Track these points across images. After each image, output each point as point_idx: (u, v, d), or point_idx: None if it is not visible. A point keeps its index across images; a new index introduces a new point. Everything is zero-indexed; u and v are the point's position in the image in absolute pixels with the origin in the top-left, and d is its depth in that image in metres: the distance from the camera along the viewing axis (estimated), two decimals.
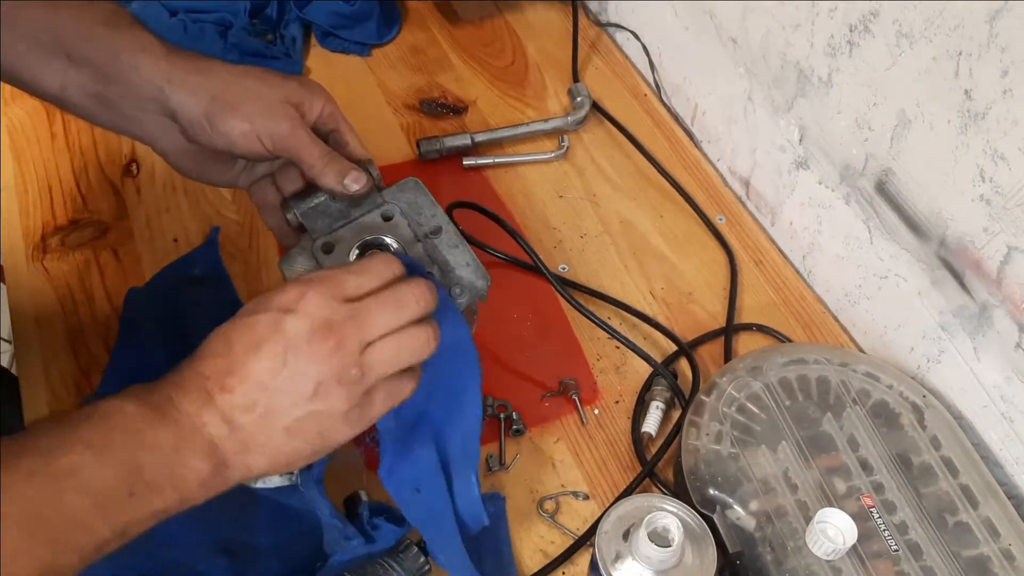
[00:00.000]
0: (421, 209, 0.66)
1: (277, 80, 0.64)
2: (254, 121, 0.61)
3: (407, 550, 0.61)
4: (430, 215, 0.65)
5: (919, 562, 0.62)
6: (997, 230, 0.64)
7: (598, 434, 0.75)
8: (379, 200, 0.65)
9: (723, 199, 0.94)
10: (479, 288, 0.64)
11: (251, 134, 0.61)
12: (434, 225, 0.65)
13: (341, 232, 0.64)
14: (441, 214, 0.66)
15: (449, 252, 0.64)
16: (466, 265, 0.64)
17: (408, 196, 0.66)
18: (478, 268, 0.64)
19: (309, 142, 0.62)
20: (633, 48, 1.08)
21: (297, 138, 0.62)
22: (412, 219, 0.65)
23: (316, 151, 0.62)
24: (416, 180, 0.67)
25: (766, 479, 0.65)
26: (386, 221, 0.65)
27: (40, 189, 0.89)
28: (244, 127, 0.61)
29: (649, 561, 0.56)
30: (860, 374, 0.72)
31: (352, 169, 0.63)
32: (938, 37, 0.64)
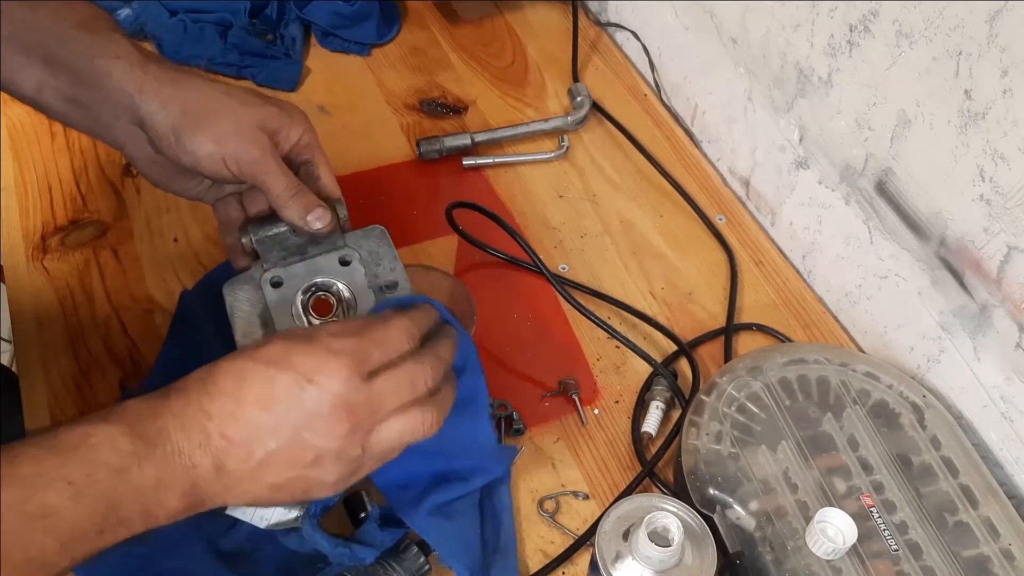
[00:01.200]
0: (381, 260, 0.64)
1: (257, 102, 0.62)
2: (222, 143, 0.59)
3: (407, 550, 0.61)
4: (389, 268, 0.64)
5: (919, 562, 0.62)
6: (997, 230, 0.64)
7: (598, 434, 0.75)
8: (340, 242, 0.64)
9: (723, 199, 0.94)
10: None
11: (217, 156, 0.59)
12: (390, 279, 0.63)
13: (294, 268, 0.63)
14: (400, 270, 0.64)
15: None
16: None
17: (371, 244, 0.64)
18: None
19: (277, 171, 0.60)
20: (633, 48, 1.08)
21: (265, 166, 0.60)
22: (370, 268, 0.63)
23: (283, 182, 0.60)
24: (382, 230, 0.65)
25: (766, 479, 0.65)
26: (343, 265, 0.63)
27: (40, 189, 0.89)
28: (210, 148, 0.59)
29: (649, 561, 0.56)
30: (860, 374, 0.72)
31: (318, 206, 0.61)
32: (938, 37, 0.64)
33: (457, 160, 0.94)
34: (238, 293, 0.62)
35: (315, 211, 0.61)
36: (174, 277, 0.82)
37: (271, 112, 0.62)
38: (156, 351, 0.76)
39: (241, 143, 0.60)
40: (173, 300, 0.79)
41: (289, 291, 0.62)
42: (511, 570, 0.65)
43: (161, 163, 0.62)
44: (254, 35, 1.03)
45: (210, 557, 0.63)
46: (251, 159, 0.60)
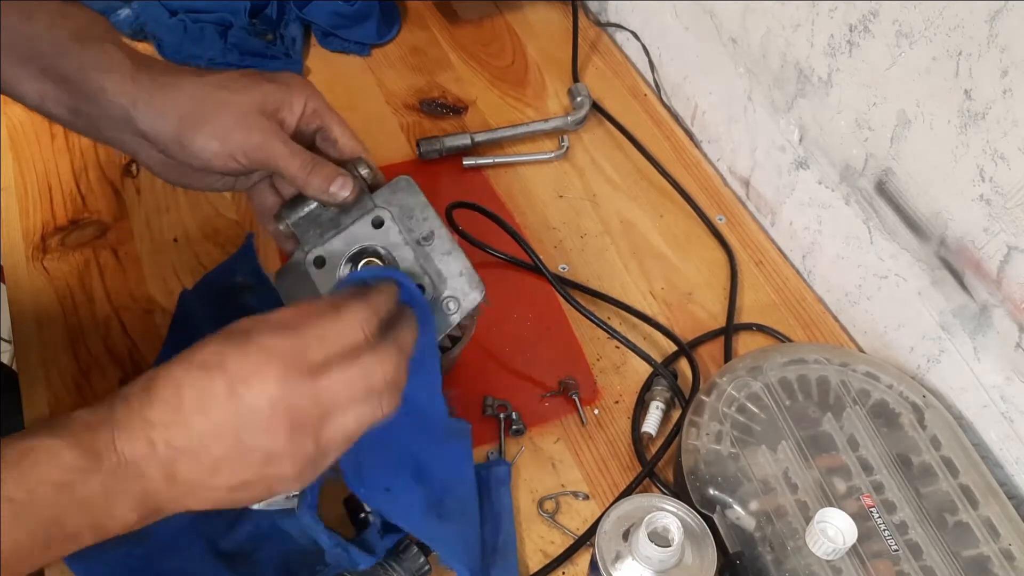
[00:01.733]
0: (412, 212, 0.62)
1: (251, 85, 0.60)
2: (226, 139, 0.58)
3: (407, 550, 0.61)
4: (421, 218, 0.62)
5: (919, 562, 0.62)
6: (997, 230, 0.64)
7: (598, 434, 0.75)
8: (369, 204, 0.62)
9: (723, 199, 0.94)
10: (472, 300, 0.61)
11: (224, 153, 0.58)
12: (426, 230, 0.61)
13: (333, 243, 0.61)
14: (434, 216, 0.62)
15: (441, 260, 0.61)
16: (459, 275, 0.61)
17: (399, 198, 0.62)
18: (472, 277, 0.61)
19: (287, 153, 0.59)
20: (633, 48, 1.08)
21: (273, 151, 0.59)
22: (403, 224, 0.61)
23: (296, 162, 0.59)
24: (408, 179, 0.63)
25: (766, 479, 0.65)
26: (376, 228, 0.61)
27: (40, 189, 0.89)
28: (215, 146, 0.58)
29: (649, 561, 0.56)
30: (860, 374, 0.72)
31: (338, 175, 0.60)
32: (938, 37, 0.64)
33: (457, 160, 0.94)
34: (288, 282, 0.61)
35: (336, 181, 0.59)
36: (174, 277, 0.82)
37: (268, 91, 0.60)
38: (156, 351, 0.76)
39: (244, 134, 0.58)
40: (173, 300, 0.79)
41: (333, 267, 0.61)
42: (511, 570, 0.65)
43: (176, 165, 0.61)
44: (254, 35, 1.03)
45: (210, 557, 0.63)
46: (257, 147, 0.59)
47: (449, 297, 0.60)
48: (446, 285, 0.61)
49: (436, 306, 0.60)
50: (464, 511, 0.65)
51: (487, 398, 0.75)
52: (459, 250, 0.61)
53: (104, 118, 0.59)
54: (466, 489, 0.67)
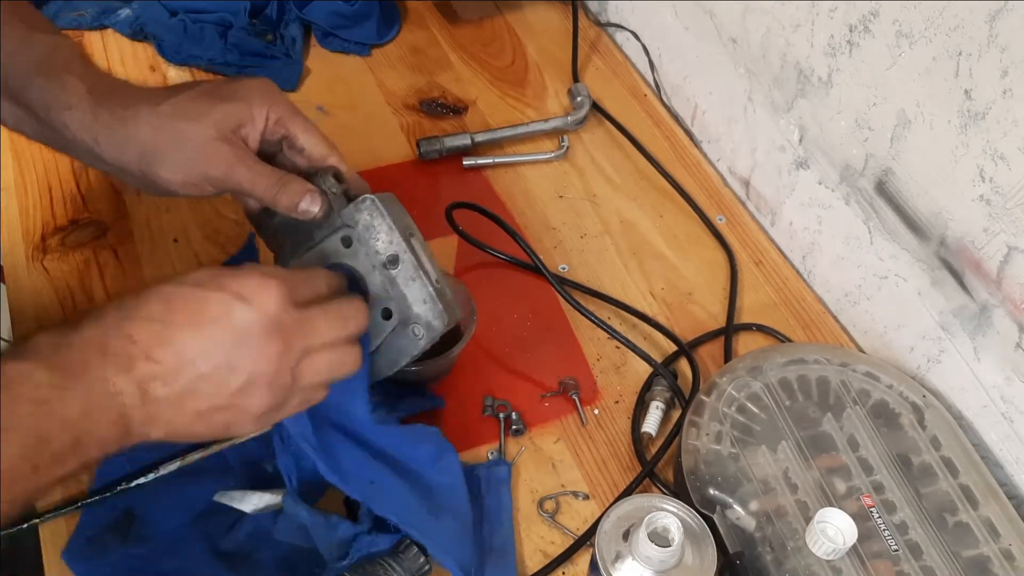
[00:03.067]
0: (378, 234, 0.60)
1: (208, 111, 0.59)
2: (188, 170, 0.58)
3: (407, 550, 0.61)
4: (387, 241, 0.60)
5: (919, 562, 0.62)
6: (997, 230, 0.64)
7: (598, 434, 0.75)
8: (338, 222, 0.60)
9: (723, 199, 0.94)
10: (436, 329, 0.60)
11: (188, 183, 0.59)
12: (390, 254, 0.60)
13: (307, 258, 0.61)
14: (398, 240, 0.60)
15: (406, 286, 0.60)
16: (423, 302, 0.60)
17: (364, 218, 0.60)
18: (435, 305, 0.60)
19: (251, 177, 0.59)
20: (633, 48, 1.08)
21: (237, 176, 0.59)
22: (369, 245, 0.60)
23: (261, 183, 0.59)
24: (372, 200, 0.60)
25: (766, 479, 0.65)
26: (346, 247, 0.60)
27: (40, 189, 0.89)
28: (179, 178, 0.58)
29: (649, 561, 0.56)
30: (860, 374, 0.72)
31: (306, 192, 0.59)
32: (938, 37, 0.64)
33: (457, 160, 0.94)
34: None
35: (304, 198, 0.59)
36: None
37: (226, 112, 0.59)
38: None
39: (205, 163, 0.58)
40: None
41: None
42: (509, 570, 0.65)
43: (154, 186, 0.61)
44: (254, 35, 1.03)
45: (210, 557, 0.64)
46: (221, 176, 0.59)
47: (415, 324, 0.60)
48: (411, 310, 0.60)
49: (404, 330, 0.60)
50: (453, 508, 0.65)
51: (487, 398, 0.75)
52: (423, 276, 0.60)
53: (74, 149, 0.60)
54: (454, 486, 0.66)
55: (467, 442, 0.73)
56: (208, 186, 0.59)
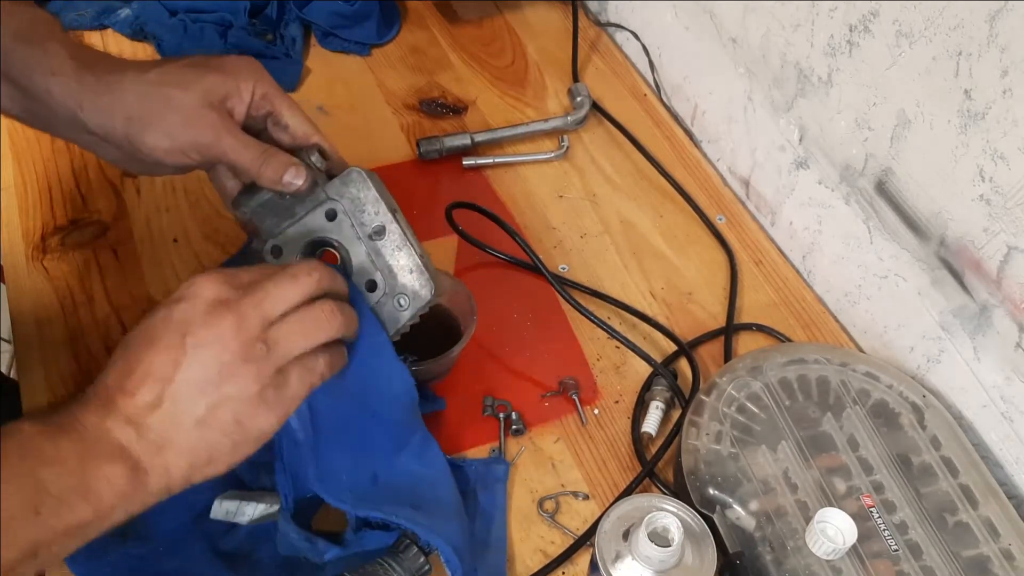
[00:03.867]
0: (364, 206, 0.61)
1: (196, 79, 0.59)
2: (175, 137, 0.58)
3: (407, 550, 0.61)
4: (373, 212, 0.61)
5: (919, 562, 0.62)
6: (997, 230, 0.64)
7: (598, 434, 0.75)
8: (322, 195, 0.61)
9: (723, 199, 0.94)
10: (423, 298, 0.60)
11: (174, 150, 0.58)
12: (377, 224, 0.60)
13: (289, 232, 0.61)
14: (384, 211, 0.61)
15: (392, 256, 0.60)
16: (409, 272, 0.60)
17: (350, 191, 0.61)
18: (422, 275, 0.60)
19: (237, 146, 0.59)
20: (633, 48, 1.08)
21: (223, 145, 0.59)
22: (355, 217, 0.60)
23: (247, 154, 0.59)
24: (359, 172, 0.61)
25: (766, 479, 0.65)
26: (330, 220, 0.61)
27: (40, 189, 0.89)
28: (165, 144, 0.58)
29: (649, 561, 0.56)
30: (860, 374, 0.72)
31: (290, 164, 0.59)
32: (938, 37, 0.64)
33: (457, 160, 0.94)
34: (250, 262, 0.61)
35: (288, 171, 0.59)
36: (174, 277, 0.82)
37: (214, 82, 0.59)
38: None
39: (192, 131, 0.58)
40: None
41: (288, 256, 0.61)
42: (500, 568, 0.65)
43: (135, 158, 0.61)
44: (254, 35, 1.03)
45: (210, 557, 0.64)
46: (207, 144, 0.58)
47: (400, 295, 0.60)
48: (396, 282, 0.60)
49: (389, 301, 0.61)
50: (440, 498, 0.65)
51: (487, 398, 0.75)
52: (409, 246, 0.61)
53: (54, 119, 0.59)
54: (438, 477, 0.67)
55: (467, 442, 0.73)
56: (194, 154, 0.59)
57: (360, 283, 0.61)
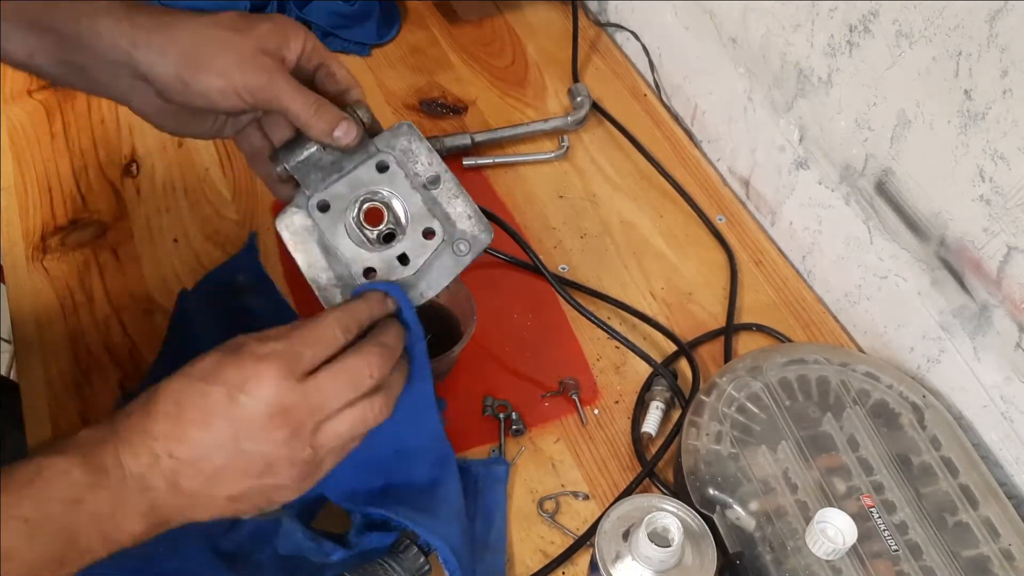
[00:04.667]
0: (417, 157, 0.62)
1: (249, 25, 0.59)
2: (230, 76, 0.57)
3: (407, 550, 0.61)
4: (426, 163, 0.62)
5: (919, 562, 0.62)
6: (997, 230, 0.64)
7: (598, 434, 0.75)
8: (372, 149, 0.62)
9: (723, 199, 0.94)
10: (483, 241, 0.62)
11: (228, 91, 0.57)
12: (431, 174, 0.62)
13: (336, 187, 0.61)
14: (438, 161, 0.62)
15: (449, 204, 0.62)
16: (468, 217, 0.62)
17: (402, 143, 0.62)
18: (480, 220, 0.62)
19: (292, 92, 0.58)
20: (633, 48, 1.08)
21: (278, 89, 0.58)
22: (408, 169, 0.62)
23: (300, 101, 0.58)
24: (410, 124, 0.63)
25: (766, 479, 0.65)
26: (381, 172, 0.62)
27: (40, 189, 0.89)
28: (220, 84, 0.57)
29: (649, 561, 0.56)
30: (860, 374, 0.72)
31: (342, 119, 0.59)
32: (938, 37, 0.64)
33: (457, 160, 0.94)
34: (291, 225, 0.61)
35: (340, 125, 0.59)
36: (174, 277, 0.82)
37: (266, 30, 0.59)
38: (156, 351, 0.76)
39: (248, 72, 0.57)
40: (173, 300, 0.79)
41: (337, 211, 0.61)
42: (499, 568, 0.65)
43: (171, 111, 0.60)
44: None
45: (210, 557, 0.63)
46: (262, 86, 0.57)
47: (460, 240, 0.61)
48: (455, 228, 0.62)
49: (446, 249, 0.61)
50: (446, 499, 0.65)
51: (487, 398, 0.75)
52: (466, 193, 0.62)
53: (99, 65, 0.58)
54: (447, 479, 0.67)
55: (467, 442, 0.73)
56: (247, 96, 0.57)
57: (417, 232, 0.61)
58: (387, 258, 0.61)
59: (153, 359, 0.76)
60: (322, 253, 0.61)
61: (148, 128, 0.63)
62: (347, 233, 0.61)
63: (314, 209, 0.61)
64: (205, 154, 0.93)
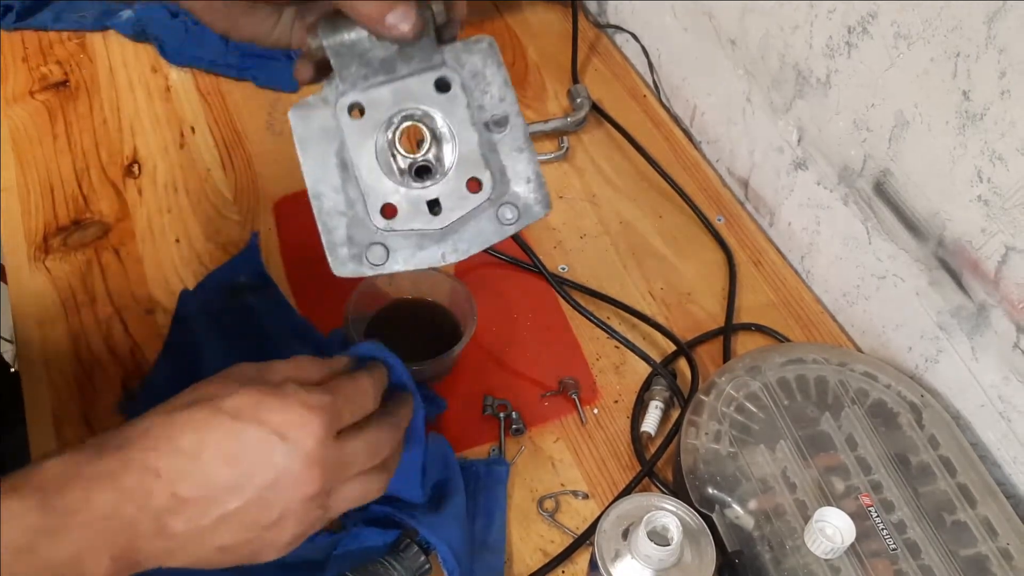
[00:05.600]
0: (488, 85, 0.50)
1: None
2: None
3: (407, 549, 0.62)
4: (498, 96, 0.50)
5: (917, 561, 0.62)
6: (995, 231, 0.64)
7: (597, 433, 0.75)
8: (436, 59, 0.49)
9: (722, 200, 0.94)
10: (536, 214, 0.50)
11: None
12: (500, 113, 0.49)
13: (377, 92, 0.48)
14: (512, 99, 0.50)
15: (509, 156, 0.49)
16: (527, 180, 0.49)
17: (475, 62, 0.50)
18: (541, 187, 0.50)
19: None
20: (632, 49, 1.08)
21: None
22: (473, 96, 0.49)
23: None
24: (491, 42, 0.51)
25: (765, 478, 0.66)
26: (440, 91, 0.49)
27: (42, 190, 0.89)
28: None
29: (648, 560, 0.56)
30: (858, 374, 0.72)
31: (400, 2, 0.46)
32: (936, 38, 0.65)
33: None
34: (307, 120, 0.49)
35: (396, 8, 0.45)
36: (176, 277, 0.83)
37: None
38: (158, 351, 0.77)
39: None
40: (175, 300, 0.80)
41: (371, 122, 0.48)
42: (499, 568, 0.65)
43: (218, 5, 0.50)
44: None
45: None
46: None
47: (508, 203, 0.49)
48: (507, 188, 0.49)
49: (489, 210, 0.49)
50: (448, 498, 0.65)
51: (487, 398, 0.75)
52: (532, 150, 0.50)
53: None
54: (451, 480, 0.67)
55: (467, 442, 0.73)
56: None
57: (460, 179, 0.49)
58: (414, 199, 0.49)
59: (155, 359, 0.76)
60: (337, 167, 0.49)
61: (150, 128, 0.63)
62: (375, 152, 0.49)
63: (343, 111, 0.48)
64: (207, 155, 0.94)
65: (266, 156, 0.94)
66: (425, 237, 0.49)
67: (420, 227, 0.49)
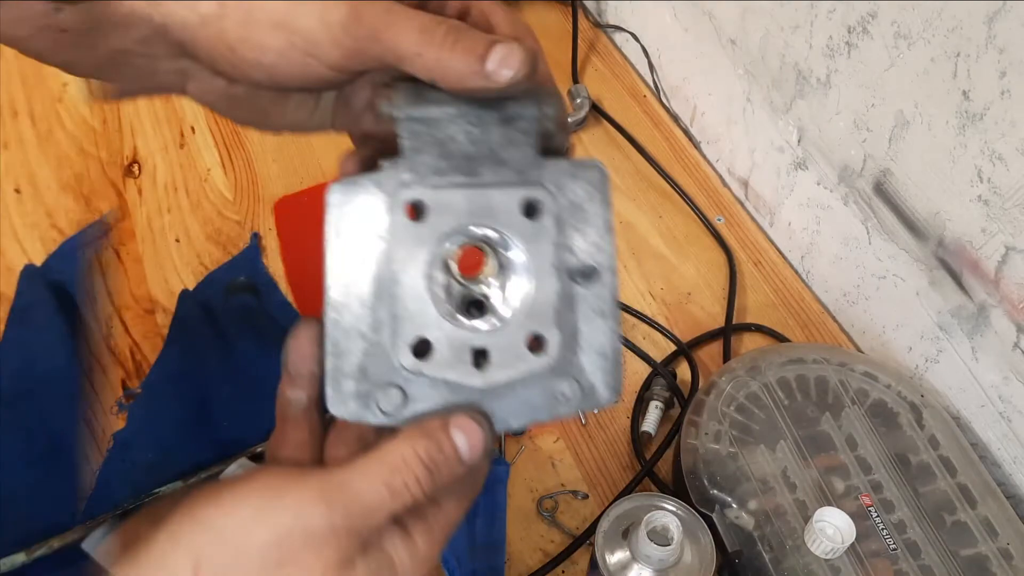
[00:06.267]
0: (586, 225, 0.39)
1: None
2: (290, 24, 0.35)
3: None
4: (594, 242, 0.39)
5: (917, 561, 0.62)
6: (995, 230, 0.64)
7: (597, 434, 0.75)
8: (534, 175, 0.38)
9: (722, 200, 0.94)
10: (598, 402, 0.39)
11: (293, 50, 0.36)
12: (591, 263, 0.39)
13: (451, 194, 0.37)
14: (610, 250, 0.39)
15: (587, 319, 0.39)
16: (600, 356, 0.38)
17: (577, 192, 0.40)
18: (615, 371, 0.39)
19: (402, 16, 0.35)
20: (632, 49, 1.08)
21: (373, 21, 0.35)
22: (564, 231, 0.39)
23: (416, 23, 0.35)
24: (601, 170, 0.41)
25: (765, 478, 0.66)
26: (527, 216, 0.38)
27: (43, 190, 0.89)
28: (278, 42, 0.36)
29: (648, 560, 0.56)
30: (858, 374, 0.72)
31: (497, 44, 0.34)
32: (936, 38, 0.65)
33: None
34: (352, 207, 0.37)
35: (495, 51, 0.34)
36: (176, 277, 0.83)
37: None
38: (158, 351, 0.77)
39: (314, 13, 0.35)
40: (174, 300, 0.80)
41: (432, 230, 0.37)
42: (499, 568, 0.65)
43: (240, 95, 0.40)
44: None
45: None
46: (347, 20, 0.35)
47: (569, 380, 0.38)
48: (573, 360, 0.38)
49: (547, 382, 0.38)
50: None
51: None
52: (617, 318, 0.39)
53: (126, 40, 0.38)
54: None
55: None
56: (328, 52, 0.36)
57: (521, 332, 0.38)
58: (458, 341, 0.37)
59: (155, 359, 0.76)
60: (373, 274, 0.37)
61: (150, 128, 0.63)
62: (426, 274, 0.37)
63: (398, 207, 0.37)
64: (207, 154, 0.94)
65: (266, 156, 0.94)
66: (457, 393, 0.37)
67: (456, 379, 0.37)
